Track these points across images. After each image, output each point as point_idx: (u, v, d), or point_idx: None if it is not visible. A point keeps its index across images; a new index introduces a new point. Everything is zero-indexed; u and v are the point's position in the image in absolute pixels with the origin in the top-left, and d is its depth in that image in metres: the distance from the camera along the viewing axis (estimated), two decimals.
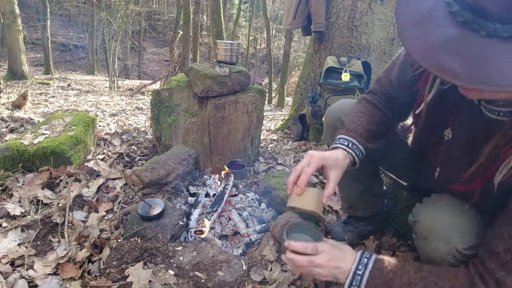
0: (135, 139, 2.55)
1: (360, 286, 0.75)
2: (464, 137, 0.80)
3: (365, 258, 0.77)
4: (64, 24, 21.25)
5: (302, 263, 0.77)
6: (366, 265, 0.76)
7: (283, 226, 1.33)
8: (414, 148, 1.06)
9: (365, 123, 0.96)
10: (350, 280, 0.75)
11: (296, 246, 0.78)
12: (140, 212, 1.34)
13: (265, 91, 2.22)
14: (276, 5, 22.49)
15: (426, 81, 0.84)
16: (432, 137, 0.90)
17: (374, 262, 0.76)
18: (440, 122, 0.85)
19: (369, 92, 1.07)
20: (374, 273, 0.75)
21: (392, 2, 2.89)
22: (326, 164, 0.85)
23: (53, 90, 7.17)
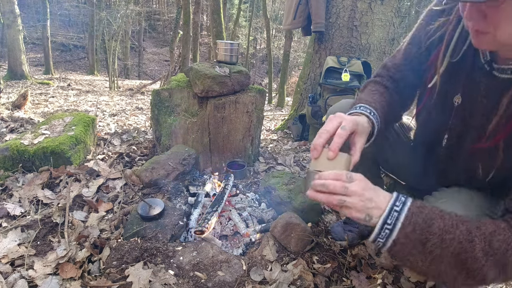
0: (135, 139, 2.55)
1: (396, 224, 0.64)
2: (474, 102, 0.79)
3: (402, 197, 0.67)
4: (64, 24, 21.24)
5: (335, 188, 0.66)
6: (405, 202, 0.66)
7: (283, 226, 1.33)
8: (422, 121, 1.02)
9: (379, 99, 0.93)
10: (385, 216, 0.65)
11: (329, 175, 0.68)
12: (140, 212, 1.34)
13: (265, 91, 2.22)
14: (276, 5, 22.48)
15: (437, 55, 0.84)
16: (443, 105, 0.89)
17: (412, 201, 0.66)
18: (450, 91, 0.85)
19: (376, 75, 1.06)
20: (413, 210, 0.64)
21: (392, 2, 2.89)
22: (357, 129, 0.78)
23: (53, 90, 7.17)
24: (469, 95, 0.80)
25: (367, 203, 0.66)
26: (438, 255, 0.63)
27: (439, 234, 0.62)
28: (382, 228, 0.65)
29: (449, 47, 0.81)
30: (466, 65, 0.79)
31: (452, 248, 0.62)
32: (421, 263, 0.65)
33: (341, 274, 1.25)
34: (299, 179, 1.72)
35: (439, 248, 0.62)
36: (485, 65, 0.75)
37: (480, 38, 0.62)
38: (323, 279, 1.20)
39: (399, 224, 0.64)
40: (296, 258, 1.28)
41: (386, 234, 0.65)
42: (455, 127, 0.85)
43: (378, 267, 1.29)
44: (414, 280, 1.22)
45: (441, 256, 0.63)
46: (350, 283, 1.20)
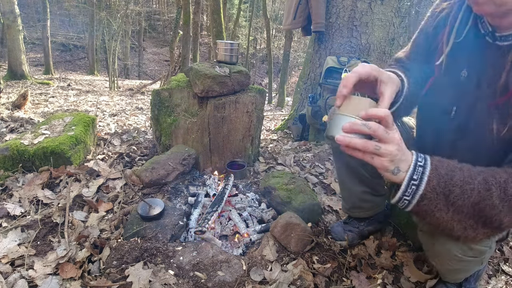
0: (135, 139, 2.55)
1: (423, 179, 0.65)
2: (482, 74, 0.83)
3: (421, 155, 0.68)
4: (64, 24, 21.23)
5: (377, 131, 0.62)
6: (425, 158, 0.67)
7: (283, 226, 1.33)
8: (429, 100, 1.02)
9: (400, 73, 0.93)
10: (411, 172, 0.65)
11: (357, 143, 0.62)
12: (140, 212, 1.34)
13: (265, 91, 2.22)
14: (276, 5, 22.47)
15: (443, 36, 0.89)
16: (450, 81, 0.91)
17: (431, 156, 0.68)
18: (457, 67, 0.88)
19: (388, 66, 1.07)
20: (436, 164, 0.66)
21: (392, 2, 2.89)
22: (381, 78, 0.74)
23: (53, 90, 7.17)
24: (476, 69, 0.84)
25: (400, 155, 0.64)
26: (459, 206, 0.65)
27: (460, 185, 0.65)
28: (408, 185, 0.65)
29: (453, 28, 0.86)
30: (469, 43, 0.85)
31: (472, 198, 0.64)
32: (444, 215, 0.66)
33: (341, 274, 1.25)
34: (299, 179, 1.73)
35: (461, 199, 0.64)
36: (487, 37, 0.80)
37: (482, 3, 0.68)
38: (323, 279, 1.20)
39: (425, 178, 0.64)
40: (296, 258, 1.28)
41: (412, 190, 0.65)
42: (463, 99, 0.89)
43: (378, 267, 1.29)
44: (414, 280, 1.23)
45: (462, 206, 0.65)
46: (350, 283, 1.20)
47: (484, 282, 1.29)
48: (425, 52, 1.00)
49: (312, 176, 2.06)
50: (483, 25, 0.82)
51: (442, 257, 0.88)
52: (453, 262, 0.87)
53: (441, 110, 0.95)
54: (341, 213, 1.67)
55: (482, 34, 0.82)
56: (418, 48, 1.02)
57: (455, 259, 0.85)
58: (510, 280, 1.33)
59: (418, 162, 0.65)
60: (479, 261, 0.88)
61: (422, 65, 1.01)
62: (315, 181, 2.00)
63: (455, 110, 0.91)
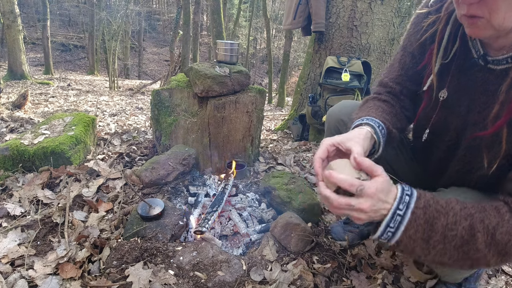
0: (135, 139, 2.55)
1: (399, 228, 0.64)
2: (471, 98, 0.79)
3: (407, 195, 0.66)
4: (64, 24, 21.24)
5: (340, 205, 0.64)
6: (408, 205, 0.65)
7: (283, 226, 1.33)
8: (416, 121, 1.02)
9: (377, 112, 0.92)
10: (387, 220, 0.65)
11: (341, 180, 0.63)
12: (140, 212, 1.34)
13: (265, 91, 2.22)
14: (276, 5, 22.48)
15: (430, 55, 0.85)
16: (429, 101, 0.89)
17: (416, 201, 0.65)
18: (437, 87, 0.86)
19: (374, 93, 1.05)
20: (417, 213, 0.64)
21: (392, 2, 2.89)
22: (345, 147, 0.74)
23: (53, 90, 7.17)
24: (464, 91, 0.81)
25: (372, 215, 0.65)
26: (441, 249, 0.65)
27: (441, 232, 0.64)
28: (384, 231, 0.66)
29: (440, 46, 0.82)
30: (456, 63, 0.81)
31: (454, 243, 0.64)
32: (424, 256, 0.67)
33: (341, 274, 1.25)
34: (299, 179, 1.73)
35: (441, 244, 0.64)
36: (479, 60, 0.76)
37: (475, 24, 0.63)
38: (323, 279, 1.20)
39: (401, 228, 0.65)
40: (296, 258, 1.28)
41: (388, 236, 0.66)
42: (439, 121, 0.87)
43: (378, 267, 1.29)
44: (414, 280, 1.22)
45: (444, 249, 0.65)
46: (350, 283, 1.20)
47: (484, 282, 1.29)
48: (415, 75, 0.95)
49: (312, 176, 2.06)
50: (473, 44, 0.77)
51: None
52: None
53: (417, 131, 0.95)
54: None
55: (474, 58, 0.77)
56: (408, 71, 0.96)
57: None
58: (510, 280, 1.33)
59: (398, 211, 0.64)
60: None
61: (414, 88, 0.97)
62: (315, 181, 2.00)
63: (427, 133, 0.91)
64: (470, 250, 0.63)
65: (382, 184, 0.64)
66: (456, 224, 0.64)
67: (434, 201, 0.66)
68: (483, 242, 0.63)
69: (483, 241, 0.63)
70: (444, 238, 0.64)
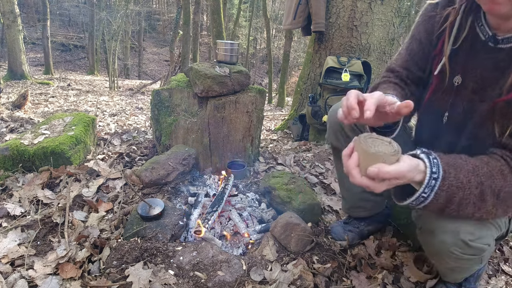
0: (135, 139, 2.55)
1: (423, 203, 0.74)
2: (484, 79, 0.84)
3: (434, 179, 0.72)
4: (64, 24, 21.24)
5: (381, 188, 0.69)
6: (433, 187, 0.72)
7: (283, 226, 1.33)
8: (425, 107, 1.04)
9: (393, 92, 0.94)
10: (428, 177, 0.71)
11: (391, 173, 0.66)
12: (140, 212, 1.34)
13: (265, 91, 2.22)
14: (276, 5, 22.48)
15: (442, 43, 0.90)
16: (443, 87, 0.93)
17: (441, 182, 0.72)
18: (450, 73, 0.91)
19: (382, 77, 1.09)
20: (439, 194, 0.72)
21: (392, 2, 2.89)
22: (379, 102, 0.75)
23: (53, 90, 7.17)
24: (475, 74, 0.85)
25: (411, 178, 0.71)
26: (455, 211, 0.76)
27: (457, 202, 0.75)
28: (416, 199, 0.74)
29: (451, 34, 0.87)
30: (466, 49, 0.87)
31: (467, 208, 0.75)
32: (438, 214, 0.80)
33: (341, 274, 1.25)
34: (299, 179, 1.73)
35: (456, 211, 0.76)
36: (488, 42, 0.81)
37: (494, 2, 0.69)
38: (323, 279, 1.20)
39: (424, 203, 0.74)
40: (296, 258, 1.28)
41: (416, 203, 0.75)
42: (457, 104, 0.91)
43: (378, 267, 1.29)
44: (414, 280, 1.22)
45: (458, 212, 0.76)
46: (350, 283, 1.20)
47: (484, 282, 1.29)
48: (421, 60, 1.00)
49: (312, 176, 2.06)
50: (481, 29, 0.83)
51: (441, 255, 0.88)
52: (452, 260, 0.87)
53: (435, 115, 0.98)
54: (341, 213, 1.67)
55: (483, 41, 0.82)
56: (414, 56, 1.02)
57: (453, 257, 0.85)
58: (510, 280, 1.33)
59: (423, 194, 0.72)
60: (478, 259, 0.88)
61: (419, 74, 1.02)
62: (315, 181, 2.00)
63: (447, 116, 0.94)
64: (480, 208, 0.75)
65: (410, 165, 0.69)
66: (470, 195, 0.74)
67: (455, 179, 0.73)
68: (490, 203, 0.74)
69: (491, 202, 0.74)
70: (459, 206, 0.75)
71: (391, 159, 0.66)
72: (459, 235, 0.80)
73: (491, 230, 0.85)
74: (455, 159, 0.76)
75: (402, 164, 0.67)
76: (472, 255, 0.85)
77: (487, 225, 0.84)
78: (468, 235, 0.80)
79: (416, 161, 0.70)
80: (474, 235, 0.80)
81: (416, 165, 0.70)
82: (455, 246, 0.82)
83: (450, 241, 0.82)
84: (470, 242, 0.80)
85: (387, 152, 0.66)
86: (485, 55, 0.83)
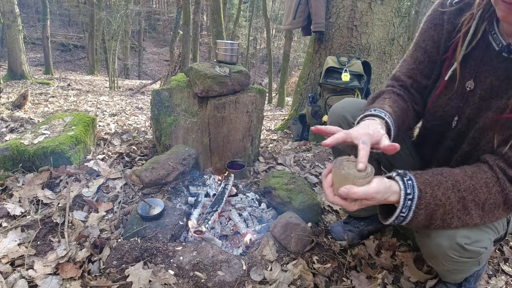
0: (135, 139, 2.55)
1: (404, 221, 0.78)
2: (493, 86, 0.84)
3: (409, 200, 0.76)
4: (64, 24, 21.24)
5: (353, 208, 0.75)
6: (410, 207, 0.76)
7: (283, 226, 1.33)
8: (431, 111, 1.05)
9: (392, 106, 0.95)
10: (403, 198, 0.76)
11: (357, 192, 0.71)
12: (140, 212, 1.34)
13: (265, 91, 2.22)
14: (276, 5, 22.49)
15: (454, 47, 0.89)
16: (454, 91, 0.93)
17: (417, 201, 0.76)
18: (462, 78, 0.90)
19: (387, 86, 1.08)
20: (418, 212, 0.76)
21: (392, 2, 2.89)
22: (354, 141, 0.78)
23: (53, 90, 7.17)
24: (486, 81, 0.85)
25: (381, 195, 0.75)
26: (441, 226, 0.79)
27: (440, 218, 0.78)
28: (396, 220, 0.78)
29: (465, 39, 0.86)
30: (478, 55, 0.86)
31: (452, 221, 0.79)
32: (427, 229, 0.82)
33: (341, 274, 1.25)
34: (299, 179, 1.72)
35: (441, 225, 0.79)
36: (503, 53, 0.80)
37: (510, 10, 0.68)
38: (323, 279, 1.20)
39: (405, 221, 0.78)
40: (296, 258, 1.28)
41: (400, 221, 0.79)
42: (466, 109, 0.90)
43: (378, 267, 1.29)
44: (414, 280, 1.23)
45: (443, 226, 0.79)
46: (350, 283, 1.20)
47: (484, 282, 1.29)
48: (427, 68, 0.99)
49: (312, 176, 2.06)
50: (494, 38, 0.82)
51: (438, 259, 0.88)
52: (449, 263, 0.87)
53: (444, 119, 0.97)
54: (341, 213, 1.67)
55: (497, 50, 0.82)
56: (419, 65, 1.00)
57: (450, 260, 0.85)
58: (510, 280, 1.33)
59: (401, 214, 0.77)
60: (476, 262, 0.89)
61: (424, 82, 1.01)
62: (315, 181, 2.00)
63: (456, 120, 0.93)
64: (466, 220, 0.78)
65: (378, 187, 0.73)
66: (452, 210, 0.77)
67: (432, 197, 0.76)
68: (476, 215, 0.78)
69: (477, 214, 0.78)
70: (443, 221, 0.78)
71: (360, 181, 0.72)
72: (455, 239, 0.80)
73: (488, 233, 0.85)
74: (434, 176, 0.78)
75: (371, 186, 0.72)
76: (469, 258, 0.85)
77: (484, 228, 0.84)
78: (464, 238, 0.80)
79: (388, 182, 0.75)
80: (471, 239, 0.80)
81: (388, 186, 0.74)
82: (451, 250, 0.82)
83: (447, 244, 0.82)
84: (467, 246, 0.80)
85: (357, 175, 0.73)
86: (497, 64, 0.82)
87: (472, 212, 0.77)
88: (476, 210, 0.77)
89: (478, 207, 0.77)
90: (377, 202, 0.75)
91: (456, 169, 0.81)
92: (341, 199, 0.75)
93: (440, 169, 0.81)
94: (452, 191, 0.77)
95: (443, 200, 0.76)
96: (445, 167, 0.82)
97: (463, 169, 0.81)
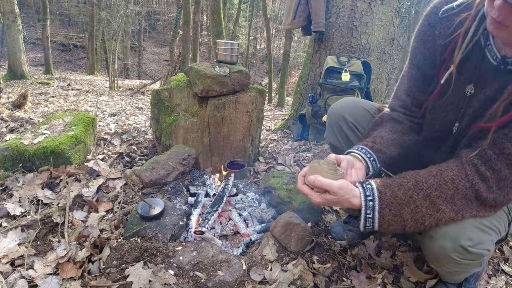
0: (135, 139, 2.55)
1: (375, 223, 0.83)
2: (487, 95, 0.85)
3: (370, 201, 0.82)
4: (64, 24, 21.24)
5: (316, 199, 0.84)
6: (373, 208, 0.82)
7: (283, 226, 1.33)
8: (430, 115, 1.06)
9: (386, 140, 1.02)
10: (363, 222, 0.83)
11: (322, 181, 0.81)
12: (140, 212, 1.34)
13: (265, 91, 2.22)
14: (276, 5, 22.49)
15: (452, 49, 0.89)
16: (454, 96, 0.93)
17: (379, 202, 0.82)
18: (462, 82, 0.90)
19: (390, 109, 1.12)
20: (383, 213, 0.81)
21: (392, 2, 2.89)
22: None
23: (53, 90, 7.16)
24: (482, 89, 0.86)
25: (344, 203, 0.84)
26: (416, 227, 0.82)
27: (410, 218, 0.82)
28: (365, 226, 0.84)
29: (463, 42, 0.85)
30: (475, 57, 0.86)
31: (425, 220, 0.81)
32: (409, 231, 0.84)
33: (341, 274, 1.25)
34: None
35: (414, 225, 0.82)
36: (500, 66, 0.81)
37: (499, 28, 0.69)
38: (323, 279, 1.20)
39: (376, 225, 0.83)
40: (296, 258, 1.28)
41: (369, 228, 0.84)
42: (466, 114, 0.91)
43: (378, 267, 1.29)
44: (414, 280, 1.22)
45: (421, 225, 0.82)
46: (350, 283, 1.20)
47: (484, 282, 1.29)
48: (423, 84, 1.01)
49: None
50: (489, 50, 0.82)
51: (441, 261, 0.88)
52: (452, 265, 0.87)
53: (444, 124, 0.98)
54: (341, 213, 1.67)
55: (492, 63, 0.82)
56: (416, 82, 1.03)
57: (453, 262, 0.85)
58: (510, 280, 1.33)
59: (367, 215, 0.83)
60: (478, 263, 0.88)
61: (422, 98, 1.03)
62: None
63: (457, 126, 0.94)
64: (439, 217, 0.80)
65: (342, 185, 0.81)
66: (420, 208, 0.80)
67: (393, 197, 0.81)
68: (450, 210, 0.79)
69: (450, 209, 0.79)
70: (415, 221, 0.81)
71: (328, 175, 0.82)
72: (459, 241, 0.80)
73: (490, 235, 0.85)
74: (395, 180, 0.85)
75: (336, 182, 0.81)
76: (471, 260, 0.85)
77: (486, 230, 0.83)
78: (467, 241, 0.80)
79: (352, 186, 0.83)
80: (474, 241, 0.80)
81: (351, 189, 0.82)
82: (454, 252, 0.82)
83: (450, 246, 0.82)
84: (470, 248, 0.80)
85: (327, 170, 0.83)
86: (494, 75, 0.83)
87: (442, 208, 0.79)
88: (446, 205, 0.79)
89: (447, 202, 0.79)
90: (339, 199, 0.81)
91: (422, 171, 0.85)
92: (308, 188, 0.85)
93: (404, 173, 0.86)
94: (414, 190, 0.80)
95: (405, 199, 0.80)
96: (411, 171, 0.87)
97: (429, 169, 0.85)
